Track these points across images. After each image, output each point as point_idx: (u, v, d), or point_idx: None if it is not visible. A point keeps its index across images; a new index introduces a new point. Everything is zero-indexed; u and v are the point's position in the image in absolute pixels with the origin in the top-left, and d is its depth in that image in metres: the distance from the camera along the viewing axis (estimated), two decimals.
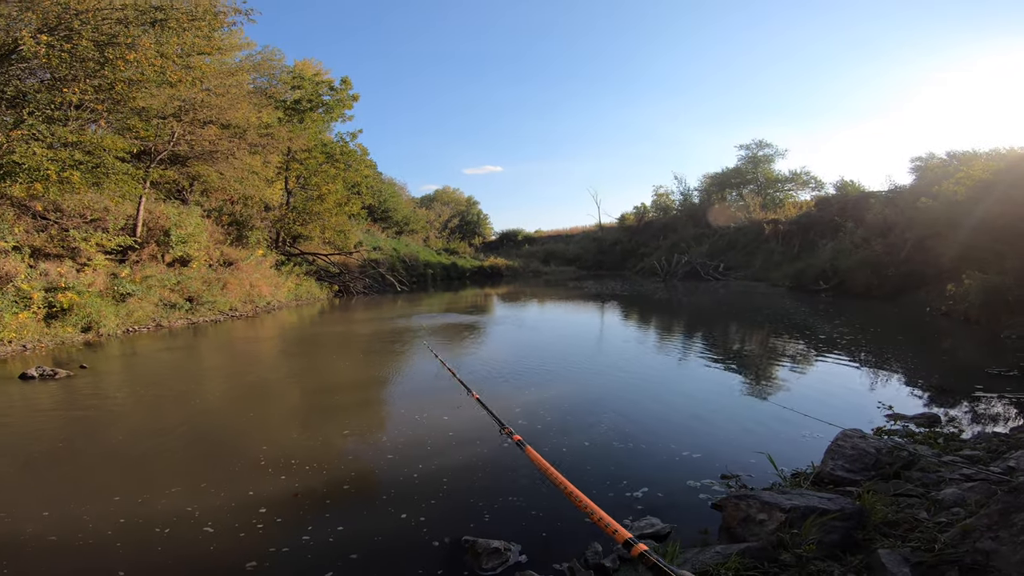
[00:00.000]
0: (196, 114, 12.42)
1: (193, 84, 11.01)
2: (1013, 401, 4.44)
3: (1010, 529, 1.53)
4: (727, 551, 1.90)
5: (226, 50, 13.83)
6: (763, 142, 32.32)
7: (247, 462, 3.59)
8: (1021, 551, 1.46)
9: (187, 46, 9.98)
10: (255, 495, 3.05)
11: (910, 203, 14.92)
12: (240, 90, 13.85)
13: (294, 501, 2.98)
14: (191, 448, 3.99)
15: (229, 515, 2.83)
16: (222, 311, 12.07)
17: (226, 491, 3.13)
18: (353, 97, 20.35)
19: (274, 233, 18.12)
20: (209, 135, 12.89)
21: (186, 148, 12.90)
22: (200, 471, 3.49)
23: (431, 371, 6.64)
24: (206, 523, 2.74)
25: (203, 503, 2.97)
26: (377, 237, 26.64)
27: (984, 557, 1.51)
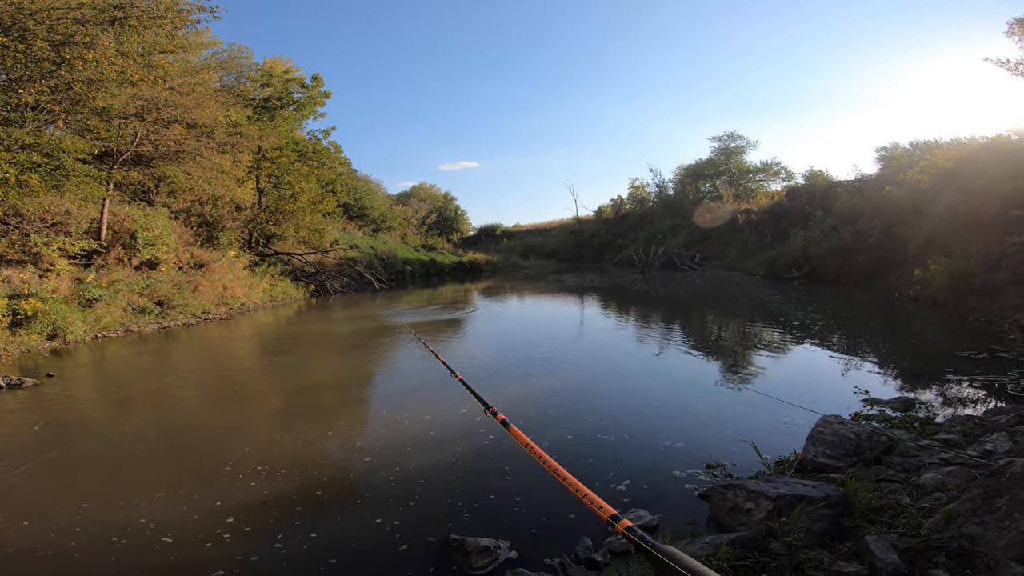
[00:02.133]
0: (160, 113, 12.01)
1: (156, 83, 10.66)
2: (984, 384, 4.60)
3: (994, 514, 1.58)
4: (717, 541, 1.92)
5: (190, 48, 13.46)
6: (735, 134, 32.85)
7: (216, 469, 3.50)
8: (1007, 535, 1.51)
9: (148, 44, 9.64)
10: (222, 504, 2.97)
11: (876, 191, 15.34)
12: (206, 88, 13.43)
13: (263, 509, 2.91)
14: (158, 456, 3.89)
15: (193, 525, 2.75)
16: (194, 314, 11.76)
17: (192, 500, 3.05)
18: (325, 94, 19.99)
19: (246, 233, 17.73)
20: (174, 135, 12.49)
21: (150, 148, 12.49)
22: (166, 479, 3.39)
23: (412, 370, 6.59)
24: (166, 533, 2.66)
25: (166, 512, 2.89)
26: (353, 235, 26.28)
27: (970, 542, 1.56)
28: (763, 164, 31.72)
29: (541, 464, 0.84)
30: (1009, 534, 1.52)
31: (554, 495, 2.91)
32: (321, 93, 19.90)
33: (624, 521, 0.65)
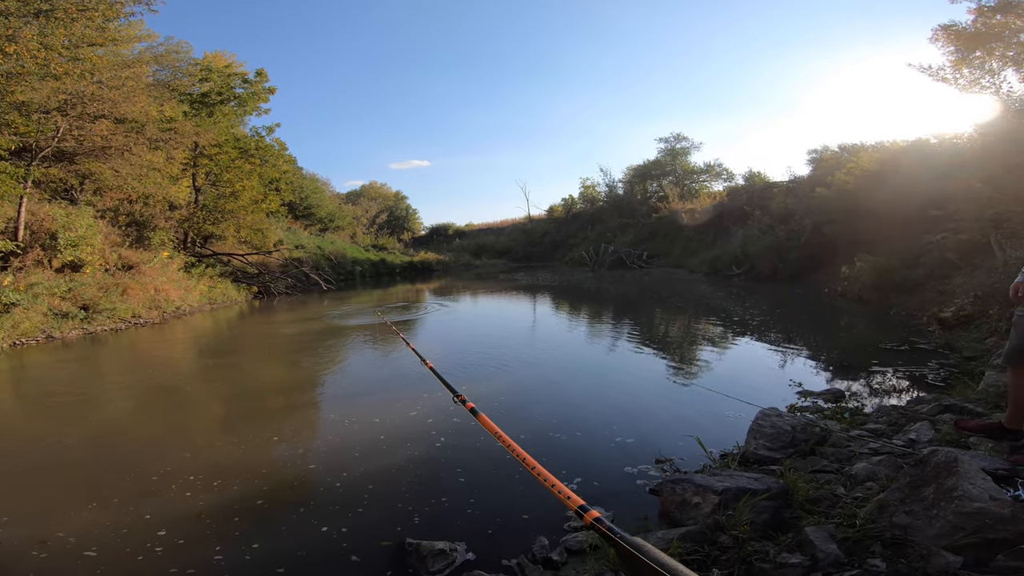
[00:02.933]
0: (85, 108, 11.17)
1: (82, 77, 9.92)
2: (906, 374, 4.97)
3: (921, 503, 1.70)
4: (668, 536, 1.98)
5: (122, 41, 12.57)
6: (680, 135, 34.00)
7: (147, 479, 3.31)
8: (936, 524, 1.63)
9: (76, 37, 8.96)
10: (153, 516, 2.81)
11: (808, 192, 16.29)
12: (138, 83, 12.61)
13: (199, 520, 2.76)
14: (84, 466, 3.64)
15: (120, 539, 2.59)
16: (123, 319, 11.01)
17: (120, 512, 2.87)
18: (269, 90, 19.18)
19: (182, 233, 16.79)
20: (101, 130, 11.65)
21: (74, 144, 11.59)
22: (92, 491, 3.18)
23: (361, 372, 6.44)
24: (89, 547, 2.50)
25: (90, 525, 2.72)
26: (299, 235, 25.39)
27: (902, 531, 1.67)
28: (706, 165, 33.02)
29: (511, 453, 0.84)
30: (938, 523, 1.64)
31: (508, 496, 2.92)
32: (265, 89, 19.09)
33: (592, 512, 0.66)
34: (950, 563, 1.54)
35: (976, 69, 11.05)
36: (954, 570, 1.53)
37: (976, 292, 6.45)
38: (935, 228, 9.51)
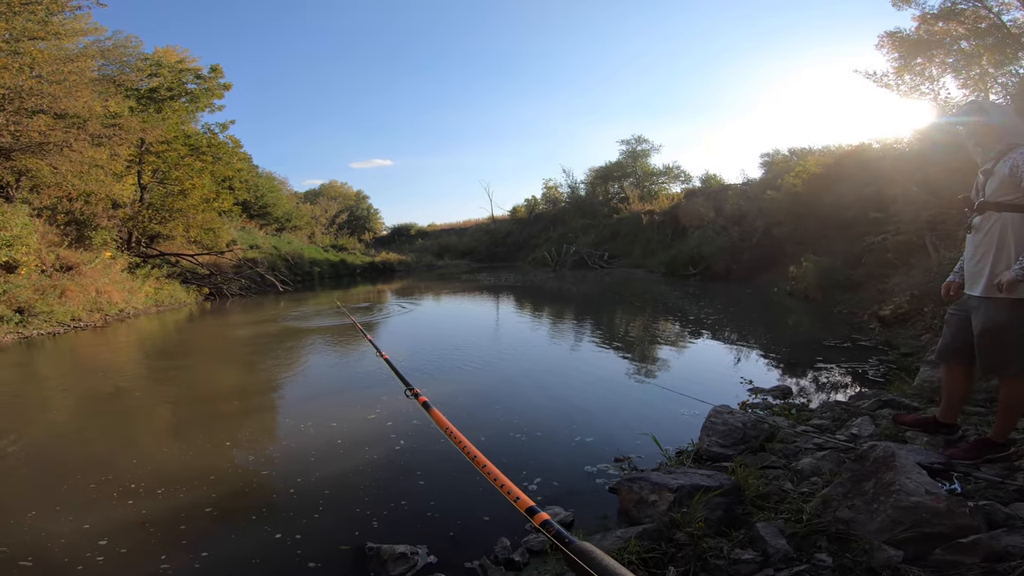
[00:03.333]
0: (23, 103, 10.55)
1: (20, 71, 9.36)
2: (848, 370, 5.23)
3: (863, 497, 1.79)
4: (626, 535, 2.02)
5: (67, 35, 12.00)
6: (641, 137, 34.80)
7: (86, 487, 3.15)
8: (877, 518, 1.70)
9: (17, 31, 8.42)
10: (93, 525, 2.68)
11: (759, 194, 16.93)
12: (81, 77, 12.01)
13: (142, 528, 2.64)
14: (17, 474, 3.45)
15: (58, 549, 2.47)
16: (62, 322, 10.37)
17: (57, 521, 2.73)
18: (224, 86, 18.47)
19: (126, 233, 15.95)
20: (39, 125, 11.01)
21: (9, 140, 10.92)
22: (26, 500, 3.02)
23: (318, 374, 6.29)
24: (25, 557, 2.37)
25: (24, 536, 2.58)
26: (254, 235, 24.53)
27: (845, 525, 1.75)
28: (665, 167, 33.87)
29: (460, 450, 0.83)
30: (878, 517, 1.71)
31: (468, 498, 2.91)
32: (220, 85, 18.39)
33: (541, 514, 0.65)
34: (891, 557, 1.60)
35: (917, 75, 11.70)
36: (895, 564, 1.58)
37: (912, 291, 6.86)
38: (876, 230, 10.05)
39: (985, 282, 2.41)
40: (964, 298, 2.59)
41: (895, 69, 11.94)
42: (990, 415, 2.91)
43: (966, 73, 11.24)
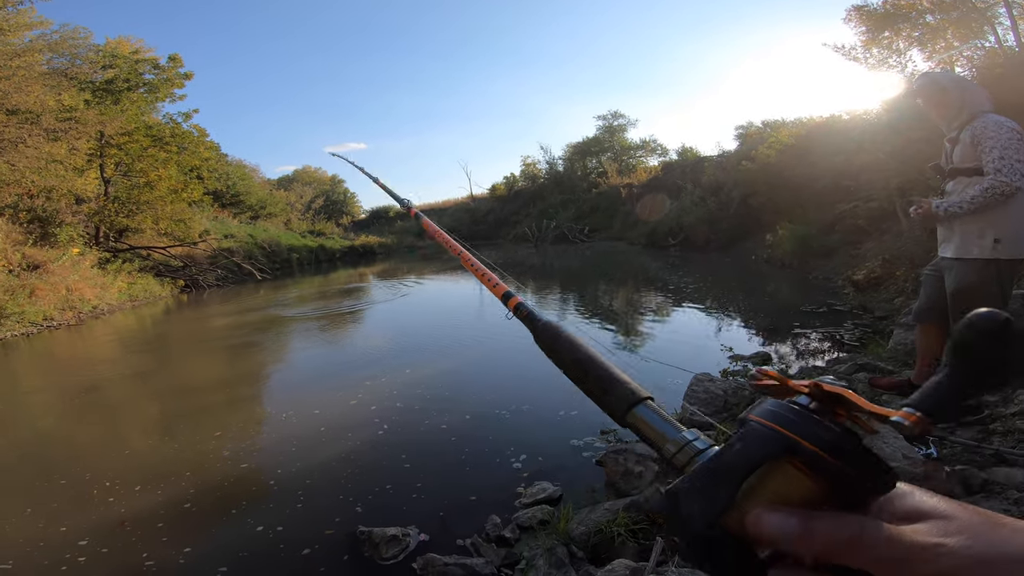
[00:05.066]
0: None
1: None
2: (825, 335, 5.34)
3: None
4: (614, 507, 2.06)
5: (10, 30, 11.66)
6: (617, 112, 34.64)
7: (64, 487, 3.12)
8: None
9: None
10: (71, 526, 2.66)
11: (735, 165, 17.04)
12: (30, 72, 11.66)
13: (122, 528, 2.63)
14: None
15: (37, 552, 2.45)
16: (34, 322, 10.07)
17: (35, 523, 2.70)
18: (185, 75, 17.89)
19: (92, 228, 15.46)
20: None
21: None
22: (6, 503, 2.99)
23: (299, 363, 6.24)
24: (4, 560, 2.35)
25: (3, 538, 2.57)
26: (228, 224, 23.96)
27: None
28: (642, 141, 33.84)
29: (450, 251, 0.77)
30: None
31: (455, 478, 2.93)
32: (180, 74, 17.82)
33: (515, 298, 0.64)
34: None
35: (884, 49, 11.83)
36: None
37: (884, 256, 7.01)
38: (848, 198, 10.21)
39: (956, 244, 2.48)
40: (938, 259, 2.65)
41: (863, 42, 12.06)
42: None
43: (932, 46, 11.40)
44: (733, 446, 0.31)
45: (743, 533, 0.30)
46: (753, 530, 0.30)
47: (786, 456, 0.29)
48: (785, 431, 0.30)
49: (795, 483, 0.29)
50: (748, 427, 0.31)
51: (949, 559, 0.27)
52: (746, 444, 0.30)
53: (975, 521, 0.28)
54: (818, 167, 12.02)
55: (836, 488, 0.29)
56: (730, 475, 0.30)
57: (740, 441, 0.31)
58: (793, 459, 0.29)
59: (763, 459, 0.29)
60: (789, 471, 0.30)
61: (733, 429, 0.33)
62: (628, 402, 0.42)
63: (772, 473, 0.30)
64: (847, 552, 0.28)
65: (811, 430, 0.29)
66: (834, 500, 0.29)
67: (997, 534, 0.27)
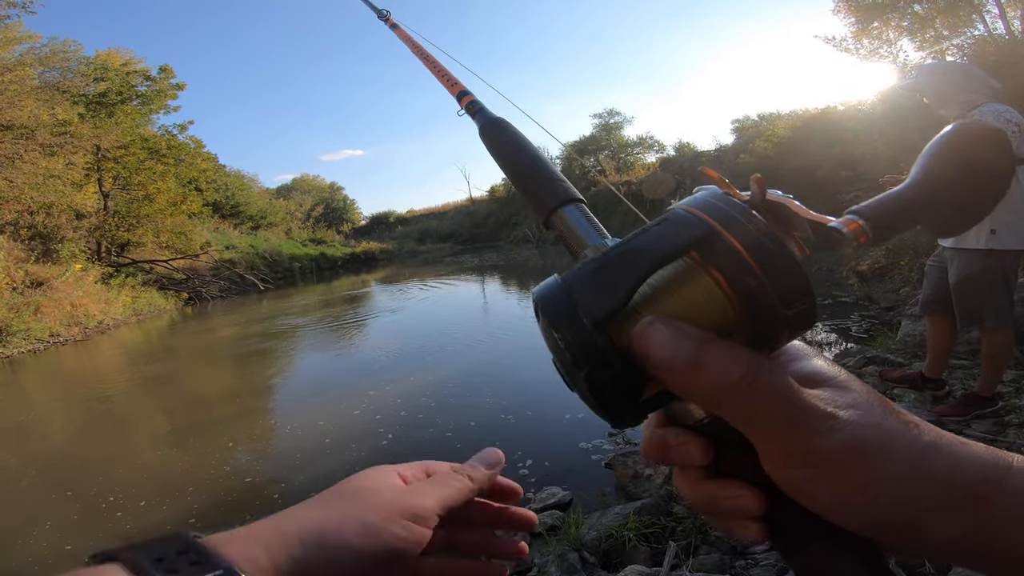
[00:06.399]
0: None
1: None
2: (832, 327, 5.30)
3: None
4: (625, 511, 2.04)
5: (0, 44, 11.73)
6: (613, 110, 34.62)
7: (72, 502, 3.12)
8: None
9: None
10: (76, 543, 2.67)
11: (732, 159, 17.02)
12: (22, 86, 11.77)
13: None
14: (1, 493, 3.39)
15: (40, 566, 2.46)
16: (41, 339, 10.12)
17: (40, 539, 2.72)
18: (177, 86, 18.00)
19: (94, 243, 15.54)
20: None
21: None
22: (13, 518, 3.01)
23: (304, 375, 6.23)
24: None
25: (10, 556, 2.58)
26: (229, 235, 24.04)
27: None
28: (639, 138, 33.80)
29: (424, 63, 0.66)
30: None
31: None
32: (172, 85, 17.92)
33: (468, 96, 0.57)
34: None
35: (875, 39, 11.80)
36: None
37: (888, 245, 6.97)
38: (847, 188, 10.17)
39: None
40: (940, 249, 2.62)
41: (853, 34, 12.04)
42: (975, 368, 2.94)
43: (921, 36, 11.37)
44: (648, 230, 0.26)
45: (630, 352, 0.25)
46: (637, 343, 0.24)
47: (703, 253, 0.25)
48: (709, 218, 0.25)
49: (705, 297, 0.25)
50: (670, 213, 0.27)
51: (841, 434, 0.23)
52: (662, 228, 0.26)
53: (872, 400, 0.25)
54: (815, 158, 12.01)
55: (749, 312, 0.24)
56: (635, 263, 0.25)
57: (656, 225, 0.26)
58: (709, 265, 0.25)
59: (677, 248, 0.25)
60: (703, 280, 0.25)
61: None
62: (558, 200, 0.38)
63: (683, 279, 0.25)
64: (733, 398, 0.24)
65: (738, 222, 0.25)
66: (741, 332, 0.25)
67: (889, 422, 0.25)
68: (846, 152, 10.65)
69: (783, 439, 0.24)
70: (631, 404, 0.25)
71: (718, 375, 0.24)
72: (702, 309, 0.25)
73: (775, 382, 0.24)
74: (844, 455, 0.23)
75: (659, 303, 0.26)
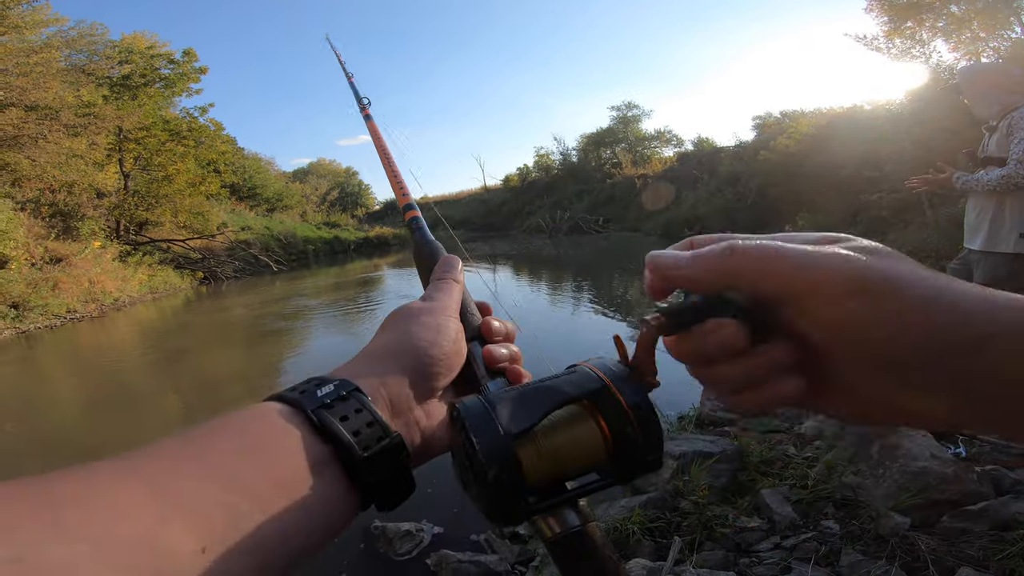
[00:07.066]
0: None
1: None
2: None
3: (868, 462, 1.79)
4: (630, 504, 2.04)
5: (27, 27, 11.98)
6: (631, 103, 34.20)
7: None
8: (883, 484, 1.70)
9: None
10: None
11: (753, 156, 16.74)
12: (48, 68, 11.98)
13: None
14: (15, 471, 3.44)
15: None
16: (58, 315, 10.33)
17: None
18: (200, 70, 18.12)
19: (113, 222, 15.83)
20: (11, 119, 10.95)
21: None
22: None
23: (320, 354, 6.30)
24: None
25: None
26: (245, 217, 24.30)
27: (852, 492, 1.75)
28: (657, 132, 33.39)
29: None
30: (885, 483, 1.71)
31: None
32: (195, 69, 18.06)
33: (414, 211, 0.61)
34: (899, 524, 1.59)
35: (907, 39, 11.54)
36: (903, 531, 1.58)
37: (908, 248, 6.84)
38: (870, 188, 9.98)
39: (984, 236, 2.40)
40: (965, 252, 2.57)
41: (885, 33, 11.76)
42: None
43: (957, 37, 11.07)
44: (560, 376, 0.33)
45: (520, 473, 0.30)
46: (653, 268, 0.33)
47: (595, 403, 0.32)
48: (606, 378, 0.32)
49: (590, 436, 0.32)
50: (578, 368, 0.34)
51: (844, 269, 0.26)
52: (574, 377, 0.33)
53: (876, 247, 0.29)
54: (839, 157, 11.78)
55: (618, 455, 0.32)
56: (550, 397, 0.31)
57: (568, 375, 0.34)
58: (598, 412, 0.32)
59: (582, 393, 0.32)
60: (590, 423, 0.32)
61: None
62: (470, 335, 0.46)
63: (576, 420, 0.32)
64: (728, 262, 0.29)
65: (625, 385, 0.32)
66: (609, 468, 0.32)
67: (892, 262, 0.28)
68: (872, 152, 10.44)
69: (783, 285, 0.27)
70: (521, 505, 0.30)
71: (711, 253, 0.30)
72: (586, 444, 0.32)
73: (750, 244, 0.29)
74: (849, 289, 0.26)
75: (554, 433, 0.32)
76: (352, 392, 0.32)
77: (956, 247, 2.97)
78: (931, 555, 1.51)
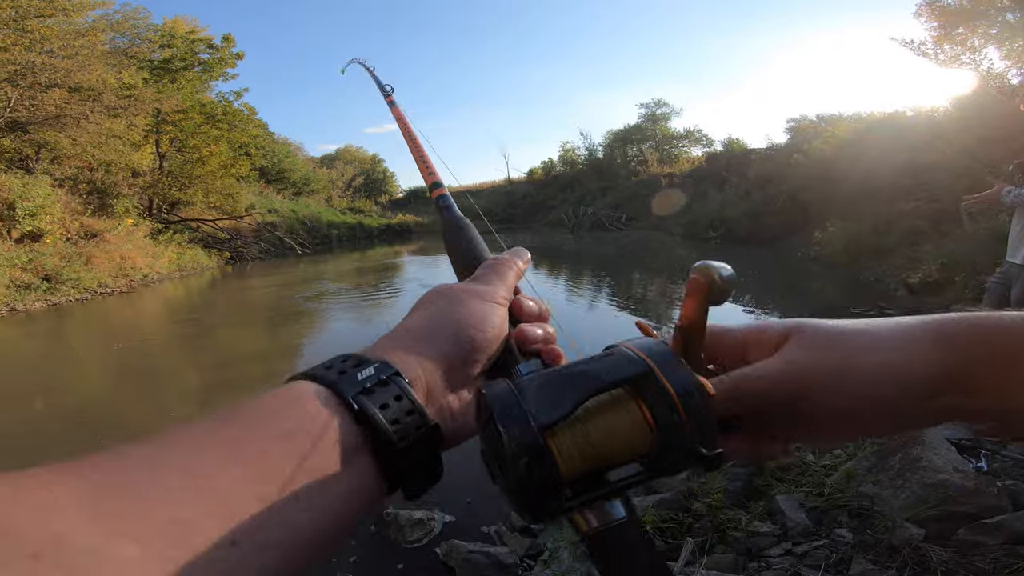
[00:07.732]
0: (36, 78, 10.87)
1: (31, 47, 9.79)
2: None
3: (888, 472, 1.75)
4: (643, 504, 2.03)
5: (74, 10, 12.25)
6: (661, 101, 33.67)
7: None
8: (902, 495, 1.67)
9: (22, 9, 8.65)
10: None
11: (785, 159, 16.36)
12: (92, 51, 12.33)
13: None
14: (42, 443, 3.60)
15: None
16: (89, 288, 10.67)
17: None
18: (237, 55, 18.52)
19: (146, 200, 16.28)
20: (54, 99, 11.36)
21: (26, 114, 11.28)
22: None
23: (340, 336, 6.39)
24: None
25: None
26: (272, 199, 24.73)
27: (869, 501, 1.72)
28: (686, 131, 32.82)
29: None
30: (903, 494, 1.68)
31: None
32: (232, 54, 18.45)
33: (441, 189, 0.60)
34: (913, 535, 1.57)
35: (958, 45, 11.13)
36: (917, 542, 1.56)
37: (943, 259, 6.62)
38: (907, 197, 9.68)
39: None
40: (1006, 266, 2.48)
41: (934, 38, 11.35)
42: None
43: (1010, 45, 10.63)
44: (597, 359, 0.31)
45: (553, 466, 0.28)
46: None
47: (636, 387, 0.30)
48: (650, 360, 0.29)
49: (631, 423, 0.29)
50: (617, 349, 0.31)
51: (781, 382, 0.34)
52: (612, 360, 0.30)
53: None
54: (877, 163, 11.45)
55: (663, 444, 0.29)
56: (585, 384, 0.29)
57: (605, 357, 0.31)
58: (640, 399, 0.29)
59: (623, 378, 0.29)
60: (632, 409, 0.29)
61: None
62: None
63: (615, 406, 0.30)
64: None
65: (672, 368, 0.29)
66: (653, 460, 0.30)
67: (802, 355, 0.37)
68: (912, 159, 10.12)
69: None
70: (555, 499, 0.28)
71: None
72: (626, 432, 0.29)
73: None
74: None
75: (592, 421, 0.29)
76: (392, 376, 0.31)
77: (995, 261, 2.87)
78: (942, 567, 1.48)
